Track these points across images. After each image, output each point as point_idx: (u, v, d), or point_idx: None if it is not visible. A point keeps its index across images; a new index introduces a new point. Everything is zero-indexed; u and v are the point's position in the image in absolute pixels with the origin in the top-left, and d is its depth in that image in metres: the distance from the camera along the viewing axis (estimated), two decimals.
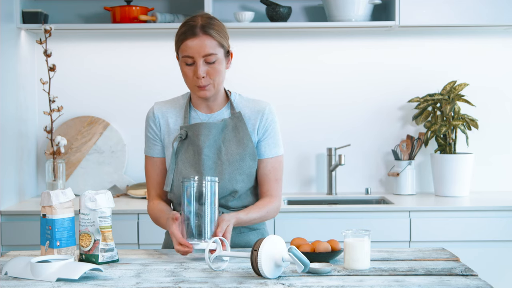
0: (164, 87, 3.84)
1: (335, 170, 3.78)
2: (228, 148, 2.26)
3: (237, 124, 2.28)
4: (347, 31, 3.79)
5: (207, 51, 2.20)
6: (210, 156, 2.26)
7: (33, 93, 3.76)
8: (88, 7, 3.82)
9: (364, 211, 3.36)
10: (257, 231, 2.37)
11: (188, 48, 2.20)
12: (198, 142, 2.26)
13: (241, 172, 2.26)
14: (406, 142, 3.78)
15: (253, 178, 2.31)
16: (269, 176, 2.31)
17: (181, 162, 2.27)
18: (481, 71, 3.84)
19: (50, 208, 2.04)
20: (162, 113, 2.34)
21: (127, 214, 3.31)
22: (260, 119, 2.30)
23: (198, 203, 2.07)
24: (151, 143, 2.35)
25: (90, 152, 3.81)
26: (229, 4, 3.80)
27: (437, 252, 2.18)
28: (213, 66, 2.22)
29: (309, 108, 3.86)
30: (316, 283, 1.82)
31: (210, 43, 2.20)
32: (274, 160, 2.32)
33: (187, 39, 2.20)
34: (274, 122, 2.32)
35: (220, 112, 2.32)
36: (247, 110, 2.31)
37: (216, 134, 2.26)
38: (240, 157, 2.26)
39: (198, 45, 2.19)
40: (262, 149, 2.31)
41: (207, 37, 2.20)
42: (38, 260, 1.93)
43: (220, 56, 2.23)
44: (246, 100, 2.34)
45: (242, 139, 2.27)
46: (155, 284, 1.82)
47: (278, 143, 2.33)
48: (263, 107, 2.31)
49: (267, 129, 2.30)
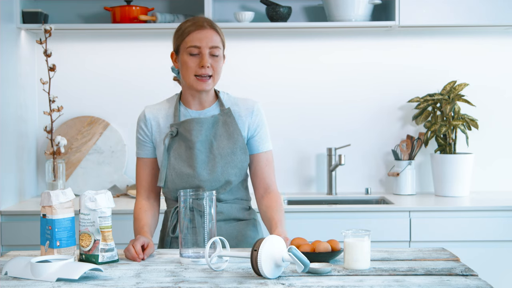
0: (164, 87, 3.83)
1: (335, 170, 3.78)
2: (220, 142, 2.33)
3: (227, 119, 2.35)
4: (347, 31, 3.79)
5: (213, 43, 2.31)
6: (202, 151, 2.32)
7: (33, 93, 3.76)
8: (88, 7, 3.82)
9: (364, 211, 3.36)
10: (248, 221, 2.43)
11: (195, 38, 2.30)
12: (190, 137, 2.32)
13: (233, 166, 2.33)
14: (406, 142, 3.78)
15: (244, 172, 2.39)
16: (267, 169, 2.40)
17: (173, 157, 2.33)
18: (481, 71, 3.84)
19: (50, 208, 2.04)
20: (153, 115, 2.41)
21: (127, 214, 3.31)
22: (251, 116, 2.39)
23: (195, 215, 2.08)
24: (142, 144, 2.41)
25: (90, 152, 3.81)
26: (229, 4, 3.80)
27: (437, 252, 2.18)
28: (216, 59, 2.32)
29: (309, 108, 3.85)
30: (316, 283, 1.82)
31: (216, 38, 2.32)
32: (267, 154, 2.41)
33: (195, 30, 2.30)
34: (263, 118, 2.42)
35: (210, 109, 2.39)
36: (236, 108, 2.39)
37: (207, 129, 2.33)
38: (232, 151, 2.33)
39: (206, 37, 2.30)
40: (255, 144, 2.39)
41: (214, 31, 2.32)
42: (38, 260, 1.93)
43: (221, 52, 2.34)
44: (234, 99, 2.43)
45: (232, 134, 2.34)
46: (155, 284, 1.82)
47: (268, 139, 2.43)
48: (251, 105, 2.41)
49: (258, 125, 2.39)
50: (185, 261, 2.06)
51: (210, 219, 2.08)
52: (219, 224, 2.34)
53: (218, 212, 2.33)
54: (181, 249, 2.08)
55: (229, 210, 2.37)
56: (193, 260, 2.05)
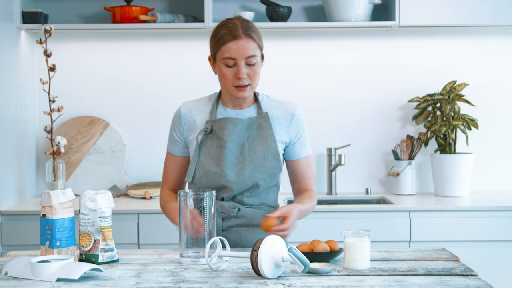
0: (164, 87, 3.84)
1: (335, 170, 3.78)
2: (252, 145, 2.30)
3: (263, 123, 2.32)
4: (347, 31, 3.79)
5: (249, 53, 2.24)
6: (233, 151, 2.29)
7: (33, 93, 3.76)
8: (88, 7, 3.81)
9: (364, 211, 3.36)
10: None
11: (230, 50, 2.24)
12: (222, 136, 2.29)
13: (262, 171, 2.29)
14: (406, 142, 3.78)
15: (276, 178, 2.34)
16: (307, 174, 2.40)
17: (203, 155, 2.30)
18: (481, 71, 3.84)
19: (50, 208, 2.05)
20: (189, 111, 2.37)
21: (127, 214, 3.31)
22: (291, 120, 2.36)
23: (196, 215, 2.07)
24: (174, 141, 2.39)
25: (90, 152, 3.81)
26: (229, 4, 3.80)
27: (437, 252, 2.18)
28: (252, 68, 2.26)
29: (309, 108, 3.85)
30: (316, 283, 1.82)
31: (252, 46, 2.25)
32: (307, 159, 2.40)
33: (230, 41, 2.24)
34: (304, 123, 2.40)
35: (248, 110, 2.36)
36: (275, 111, 2.36)
37: (241, 130, 2.30)
38: (263, 156, 2.29)
39: (241, 47, 2.24)
40: (297, 150, 2.37)
41: (249, 40, 2.25)
42: (38, 260, 1.93)
43: (259, 58, 2.28)
44: (274, 101, 2.40)
45: (266, 139, 2.31)
46: (155, 284, 1.82)
47: (308, 143, 2.41)
48: (292, 109, 2.37)
49: (299, 130, 2.37)
50: (185, 261, 2.06)
51: (210, 219, 2.08)
52: (239, 229, 2.31)
53: (240, 216, 2.31)
54: (181, 249, 2.08)
55: (252, 215, 2.32)
56: (193, 260, 2.05)
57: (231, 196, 2.30)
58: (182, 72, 3.84)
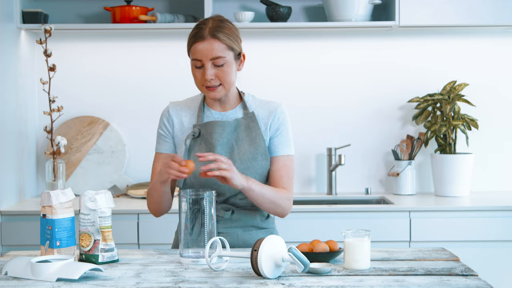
0: (164, 87, 3.84)
1: (335, 170, 3.78)
2: (241, 147, 2.29)
3: (250, 124, 2.31)
4: (347, 31, 3.79)
5: (214, 54, 2.23)
6: (222, 154, 2.27)
7: (33, 93, 3.76)
8: (88, 7, 3.81)
9: (364, 211, 3.36)
10: (267, 230, 2.38)
11: (196, 51, 2.24)
12: (211, 140, 2.28)
13: (253, 171, 2.28)
14: (406, 142, 3.78)
15: (265, 178, 2.33)
16: (281, 172, 2.31)
17: (193, 159, 2.28)
18: (481, 71, 3.84)
19: (50, 208, 2.05)
20: (177, 112, 2.37)
21: (127, 214, 3.31)
22: (272, 118, 2.33)
23: (195, 215, 2.07)
24: (162, 139, 2.38)
25: (90, 152, 3.81)
26: (229, 4, 3.80)
27: (437, 252, 2.18)
28: (221, 69, 2.24)
29: (309, 108, 3.85)
30: (316, 283, 1.82)
31: (218, 46, 2.23)
32: (285, 158, 2.33)
33: (196, 42, 2.24)
34: (285, 122, 2.35)
35: (233, 111, 2.35)
36: (260, 111, 2.35)
37: (229, 133, 2.29)
38: (252, 156, 2.28)
39: (205, 49, 2.22)
40: (273, 147, 2.33)
41: (215, 41, 2.23)
42: (38, 260, 1.93)
43: (229, 59, 2.25)
44: (259, 101, 2.38)
45: (254, 139, 2.30)
46: (155, 284, 1.82)
47: (289, 143, 2.35)
48: (275, 107, 2.35)
49: (279, 127, 2.33)
50: (185, 261, 2.06)
51: (210, 219, 2.08)
52: (236, 231, 2.31)
53: (235, 219, 2.31)
54: (181, 249, 2.08)
55: (247, 217, 2.32)
56: (193, 260, 2.05)
57: (224, 199, 2.30)
58: (182, 72, 3.83)
